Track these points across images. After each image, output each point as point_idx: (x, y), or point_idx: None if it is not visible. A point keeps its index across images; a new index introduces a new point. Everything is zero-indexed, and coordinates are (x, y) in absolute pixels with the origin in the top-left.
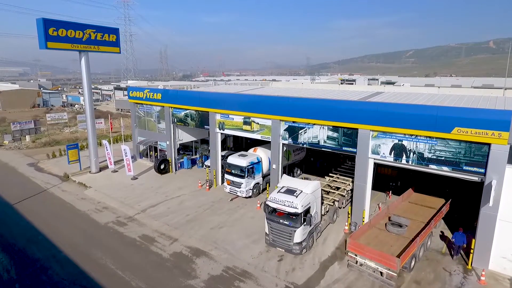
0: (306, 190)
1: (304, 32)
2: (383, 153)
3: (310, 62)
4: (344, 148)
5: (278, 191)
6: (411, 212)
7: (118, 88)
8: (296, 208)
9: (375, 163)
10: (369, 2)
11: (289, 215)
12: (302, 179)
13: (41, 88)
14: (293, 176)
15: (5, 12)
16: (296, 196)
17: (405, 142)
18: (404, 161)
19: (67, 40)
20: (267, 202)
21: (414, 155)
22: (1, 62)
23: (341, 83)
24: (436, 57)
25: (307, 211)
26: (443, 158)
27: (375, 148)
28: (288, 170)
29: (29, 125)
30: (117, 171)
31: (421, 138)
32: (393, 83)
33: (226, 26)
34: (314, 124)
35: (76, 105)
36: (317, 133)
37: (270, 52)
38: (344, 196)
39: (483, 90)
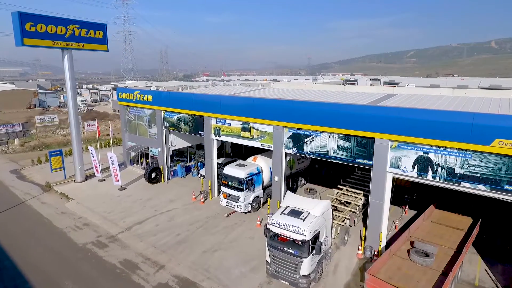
0: (315, 212)
1: (305, 32)
2: (404, 167)
3: (311, 62)
4: (357, 160)
5: (281, 213)
6: (435, 235)
7: (116, 88)
8: (303, 234)
9: (393, 178)
10: (370, 2)
11: (295, 242)
12: (307, 189)
13: (38, 89)
14: (297, 187)
15: (5, 11)
16: (303, 220)
17: (431, 155)
18: (430, 177)
19: (47, 36)
20: (268, 226)
21: (443, 170)
22: (3, 62)
23: (343, 84)
24: (437, 57)
25: (316, 238)
26: (478, 175)
27: (395, 160)
28: (292, 179)
29: (16, 128)
30: (104, 180)
31: (451, 150)
32: (396, 84)
33: (227, 26)
34: (323, 131)
35: None
36: (326, 142)
37: (271, 52)
38: (356, 212)
39: (503, 91)
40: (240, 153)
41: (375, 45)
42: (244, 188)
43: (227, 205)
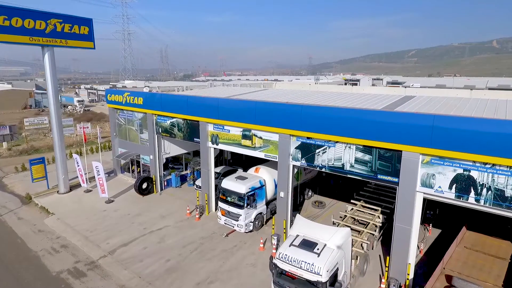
0: (332, 243)
1: (305, 32)
2: (439, 187)
3: (311, 61)
4: (380, 176)
5: (291, 244)
6: (473, 267)
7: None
8: (318, 274)
9: (424, 199)
10: (371, 1)
11: (308, 281)
12: (315, 203)
13: (35, 89)
14: (304, 199)
15: None
16: (318, 254)
17: (474, 173)
18: (472, 199)
19: (24, 31)
20: (274, 261)
21: (489, 192)
22: (3, 62)
23: (345, 83)
24: (438, 57)
25: (334, 277)
26: None
27: (427, 178)
28: (298, 192)
29: (3, 131)
30: (91, 190)
31: (500, 168)
32: (400, 84)
33: (228, 26)
34: (337, 141)
35: (69, 106)
36: (341, 154)
37: (271, 52)
38: (374, 235)
39: None
40: (240, 160)
41: (376, 44)
42: (245, 205)
43: (225, 224)
